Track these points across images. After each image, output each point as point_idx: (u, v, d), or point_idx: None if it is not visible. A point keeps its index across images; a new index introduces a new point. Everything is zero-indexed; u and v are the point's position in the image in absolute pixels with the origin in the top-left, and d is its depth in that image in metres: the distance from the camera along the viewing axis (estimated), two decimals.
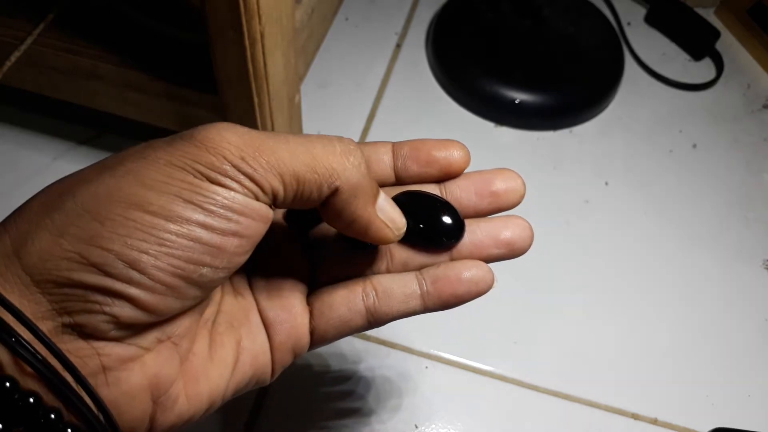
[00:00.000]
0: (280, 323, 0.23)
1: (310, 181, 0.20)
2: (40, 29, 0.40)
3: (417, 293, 0.24)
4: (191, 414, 0.21)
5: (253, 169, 0.19)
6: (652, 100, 0.56)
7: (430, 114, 0.53)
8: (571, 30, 0.56)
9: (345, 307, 0.24)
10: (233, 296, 0.24)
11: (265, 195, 0.20)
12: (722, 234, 0.49)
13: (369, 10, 0.59)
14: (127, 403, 0.19)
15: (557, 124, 0.54)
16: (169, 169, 0.19)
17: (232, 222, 0.19)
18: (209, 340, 0.22)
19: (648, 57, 0.58)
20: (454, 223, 0.24)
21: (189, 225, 0.19)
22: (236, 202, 0.19)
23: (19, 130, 0.49)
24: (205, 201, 0.19)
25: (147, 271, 0.18)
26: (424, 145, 0.25)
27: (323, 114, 0.52)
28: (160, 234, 0.18)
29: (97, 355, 0.19)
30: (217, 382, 0.22)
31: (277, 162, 0.20)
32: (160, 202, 0.18)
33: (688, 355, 0.43)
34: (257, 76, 0.33)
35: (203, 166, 0.19)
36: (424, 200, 0.25)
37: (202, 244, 0.19)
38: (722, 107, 0.56)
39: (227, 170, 0.19)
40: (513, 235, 0.24)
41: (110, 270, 0.18)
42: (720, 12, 0.61)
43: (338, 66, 0.55)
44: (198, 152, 0.19)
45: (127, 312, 0.18)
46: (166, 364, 0.20)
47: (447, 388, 0.41)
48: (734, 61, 0.59)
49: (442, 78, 0.55)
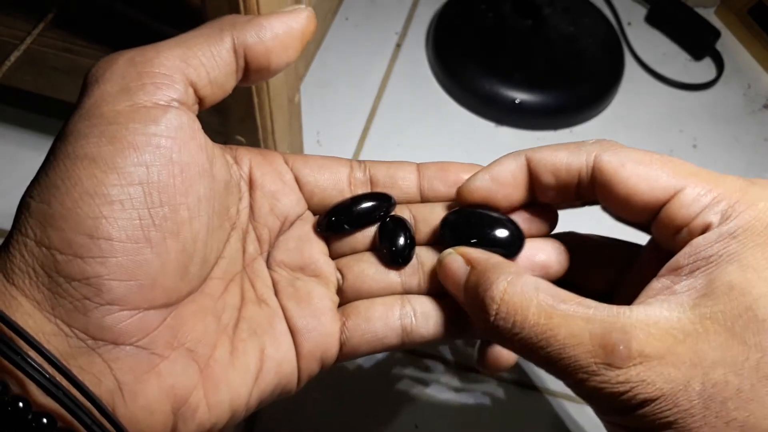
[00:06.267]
0: (309, 331, 0.23)
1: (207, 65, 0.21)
2: (39, 29, 0.40)
3: (455, 320, 0.24)
4: (212, 423, 0.21)
5: (156, 86, 0.20)
6: (652, 100, 0.56)
7: (431, 114, 0.53)
8: (572, 30, 0.56)
9: (382, 322, 0.23)
10: (257, 304, 0.24)
11: (180, 104, 0.20)
12: None
13: (369, 9, 0.59)
14: (147, 417, 0.19)
15: (557, 124, 0.54)
16: (87, 130, 0.19)
17: (162, 148, 0.19)
18: (230, 347, 0.22)
19: (648, 57, 0.58)
20: (512, 234, 0.23)
21: (126, 171, 0.19)
22: (159, 128, 0.19)
23: (19, 130, 0.49)
24: (132, 140, 0.19)
25: (111, 235, 0.18)
26: (451, 167, 0.25)
27: (323, 114, 0.52)
28: (105, 191, 0.18)
29: (110, 369, 0.18)
30: (239, 390, 0.21)
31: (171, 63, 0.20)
32: (96, 165, 0.19)
33: None
34: None
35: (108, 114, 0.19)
36: (475, 217, 0.23)
37: (146, 182, 0.19)
38: (722, 107, 0.56)
39: (138, 101, 0.19)
40: (548, 258, 0.24)
41: (77, 249, 0.18)
42: (720, 12, 0.61)
43: (338, 66, 0.55)
44: (101, 104, 0.19)
45: (118, 288, 0.18)
46: (182, 374, 0.20)
47: (447, 388, 0.41)
48: (734, 61, 0.59)
49: (442, 78, 0.55)
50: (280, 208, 0.25)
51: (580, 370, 0.19)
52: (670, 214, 0.20)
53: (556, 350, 0.19)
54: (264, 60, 0.21)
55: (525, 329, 0.19)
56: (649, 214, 0.21)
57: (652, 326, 0.18)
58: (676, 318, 0.18)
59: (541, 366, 0.20)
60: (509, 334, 0.20)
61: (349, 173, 0.26)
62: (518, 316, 0.20)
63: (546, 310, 0.19)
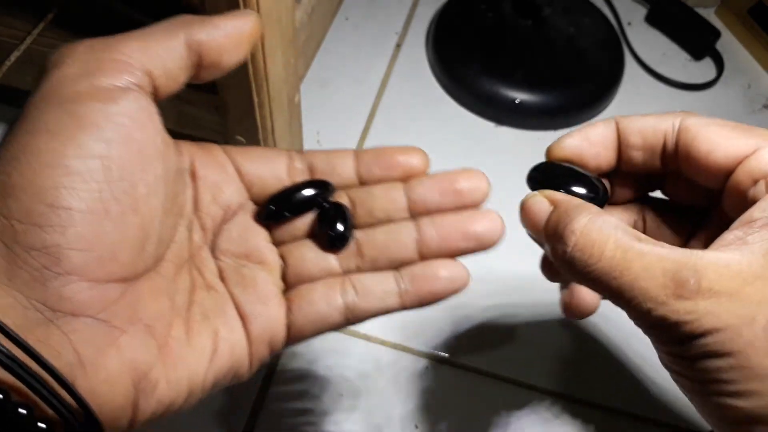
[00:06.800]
0: (256, 316, 0.24)
1: (165, 52, 0.22)
2: (39, 29, 0.40)
3: (395, 291, 0.24)
4: (171, 399, 0.21)
5: (116, 70, 0.20)
6: (652, 100, 0.56)
7: (430, 114, 0.53)
8: (572, 30, 0.56)
9: (324, 302, 0.24)
10: (206, 290, 0.24)
11: (139, 89, 0.21)
12: None
13: (369, 9, 0.59)
14: (108, 391, 0.19)
15: (557, 124, 0.54)
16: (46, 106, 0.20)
17: (122, 126, 0.20)
18: (185, 328, 0.22)
19: (648, 57, 0.58)
20: (597, 187, 0.25)
21: (85, 145, 0.19)
22: (119, 108, 0.20)
23: None
24: (92, 117, 0.20)
25: (71, 205, 0.19)
26: (387, 151, 0.26)
27: (323, 114, 0.52)
28: (65, 163, 0.19)
29: (69, 341, 0.18)
30: (196, 369, 0.22)
31: (130, 51, 0.21)
32: (56, 138, 0.19)
33: None
34: (257, 75, 0.33)
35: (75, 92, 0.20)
36: (562, 169, 0.25)
37: (106, 157, 0.19)
38: (722, 107, 0.56)
39: (97, 84, 0.20)
40: (482, 228, 0.24)
41: (36, 218, 0.18)
42: (720, 12, 0.61)
43: (338, 66, 0.55)
44: (62, 82, 0.20)
45: (77, 258, 0.19)
46: (142, 348, 0.20)
47: (447, 388, 0.41)
48: (734, 61, 0.59)
49: (442, 78, 0.55)
50: (223, 198, 0.25)
51: (650, 300, 0.20)
52: (748, 168, 0.22)
53: (628, 281, 0.20)
54: (216, 56, 0.23)
55: (601, 261, 0.20)
56: (726, 173, 0.23)
57: (722, 267, 0.20)
58: (747, 262, 0.20)
59: (610, 297, 0.21)
60: (584, 265, 0.21)
61: (288, 163, 0.26)
62: (596, 249, 0.21)
63: (623, 246, 0.20)
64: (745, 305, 0.19)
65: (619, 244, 0.20)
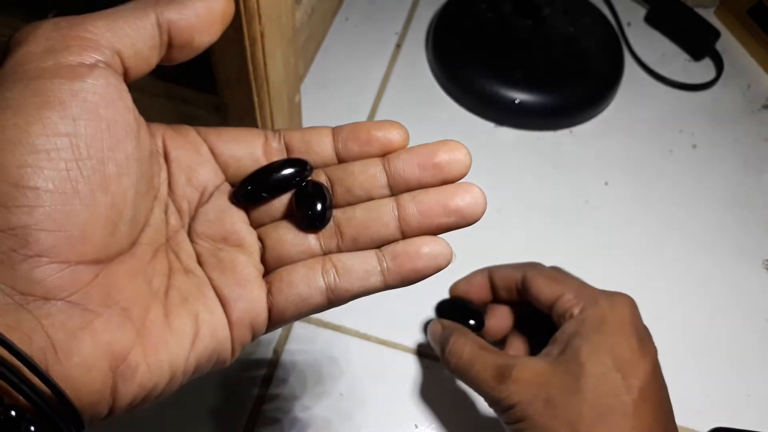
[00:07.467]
0: (236, 300, 0.23)
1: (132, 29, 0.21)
2: None
3: (377, 270, 0.24)
4: (153, 383, 0.20)
5: (82, 48, 0.20)
6: (652, 100, 0.56)
7: (430, 114, 0.53)
8: (571, 30, 0.56)
9: (304, 284, 0.23)
10: (184, 274, 0.23)
11: (107, 66, 0.20)
12: (722, 234, 0.49)
13: (369, 10, 0.59)
14: (84, 375, 0.18)
15: (557, 124, 0.54)
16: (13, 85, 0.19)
17: (89, 103, 0.19)
18: (164, 311, 0.22)
19: (648, 57, 0.58)
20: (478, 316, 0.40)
21: (51, 122, 0.19)
22: (85, 84, 0.19)
23: None
24: (59, 95, 0.19)
25: (38, 184, 0.18)
26: (363, 126, 0.25)
27: (323, 114, 0.52)
28: (30, 141, 0.18)
29: (41, 326, 0.18)
30: (177, 352, 0.21)
31: (97, 29, 0.20)
32: (20, 115, 0.18)
33: (687, 355, 0.43)
34: (257, 76, 0.34)
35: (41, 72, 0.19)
36: (456, 304, 0.42)
37: (73, 135, 0.19)
38: (722, 107, 0.56)
39: (63, 62, 0.19)
40: (463, 203, 0.24)
41: (1, 199, 0.18)
42: (720, 12, 0.61)
43: (338, 66, 0.55)
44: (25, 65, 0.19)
45: (46, 239, 0.18)
46: (118, 331, 0.19)
47: (447, 388, 0.41)
48: (734, 61, 0.59)
49: (442, 78, 0.55)
50: (198, 179, 0.25)
51: (486, 384, 0.33)
52: (557, 306, 0.36)
53: (474, 372, 0.34)
54: (187, 36, 0.22)
55: (461, 360, 0.35)
56: (549, 306, 0.36)
57: (528, 366, 0.33)
58: (543, 363, 0.33)
59: (465, 382, 0.35)
60: (452, 363, 0.36)
61: (264, 143, 0.26)
62: (457, 354, 0.36)
63: (472, 352, 0.35)
64: (535, 388, 0.32)
65: (470, 351, 0.35)
